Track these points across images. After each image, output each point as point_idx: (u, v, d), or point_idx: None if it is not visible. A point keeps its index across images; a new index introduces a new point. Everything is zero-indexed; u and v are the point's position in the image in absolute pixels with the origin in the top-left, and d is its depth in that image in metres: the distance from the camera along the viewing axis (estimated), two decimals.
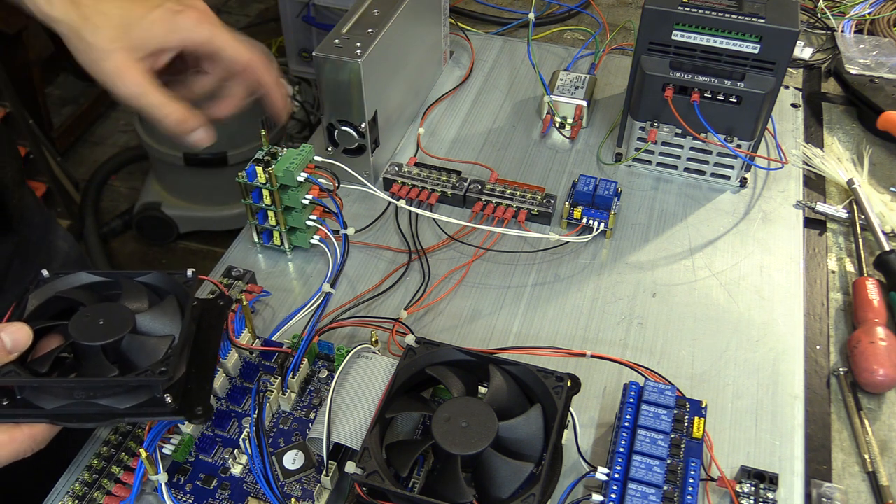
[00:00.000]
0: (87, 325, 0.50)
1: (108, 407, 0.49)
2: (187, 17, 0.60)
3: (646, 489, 0.51)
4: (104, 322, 0.51)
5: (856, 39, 1.01)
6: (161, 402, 0.49)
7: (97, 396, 0.49)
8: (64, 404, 0.49)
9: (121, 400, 0.49)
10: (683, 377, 0.64)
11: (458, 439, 0.50)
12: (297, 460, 0.55)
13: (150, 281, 0.55)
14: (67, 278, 0.55)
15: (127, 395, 0.50)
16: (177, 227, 1.95)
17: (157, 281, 0.55)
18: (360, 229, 0.76)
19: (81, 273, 0.55)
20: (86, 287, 0.55)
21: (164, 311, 0.53)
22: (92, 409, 0.49)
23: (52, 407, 0.49)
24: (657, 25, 0.73)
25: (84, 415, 0.49)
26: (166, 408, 0.49)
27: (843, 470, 0.60)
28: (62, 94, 2.42)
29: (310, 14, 1.84)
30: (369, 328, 0.65)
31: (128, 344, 0.50)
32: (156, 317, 0.53)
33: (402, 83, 0.83)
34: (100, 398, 0.49)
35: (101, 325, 0.50)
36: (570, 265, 0.73)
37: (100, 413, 0.49)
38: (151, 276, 0.55)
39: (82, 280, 0.55)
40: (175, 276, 0.55)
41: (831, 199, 0.81)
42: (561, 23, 1.07)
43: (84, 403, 0.49)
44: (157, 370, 0.48)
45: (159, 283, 0.55)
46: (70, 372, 0.51)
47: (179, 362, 0.51)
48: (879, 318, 0.67)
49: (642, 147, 0.80)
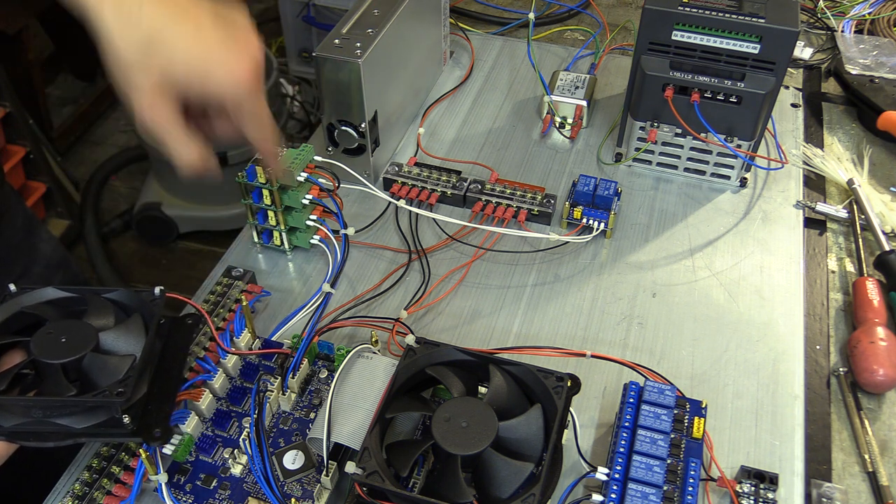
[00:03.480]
0: (50, 342, 0.50)
1: (66, 427, 0.49)
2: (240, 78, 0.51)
3: (646, 489, 0.51)
4: (66, 339, 0.50)
5: (856, 39, 1.01)
6: (119, 423, 0.49)
7: (55, 415, 0.49)
8: (21, 422, 0.48)
9: (79, 420, 0.49)
10: (683, 377, 0.64)
11: (458, 439, 0.50)
12: (297, 460, 0.55)
13: (116, 298, 0.55)
14: (34, 293, 0.54)
15: (85, 415, 0.49)
16: (177, 227, 1.95)
17: (123, 298, 0.55)
18: (360, 229, 0.76)
19: (48, 288, 0.55)
20: (52, 302, 0.54)
21: (129, 329, 0.52)
22: (49, 427, 0.49)
23: (10, 425, 0.48)
24: (657, 25, 0.73)
25: (41, 433, 0.49)
26: (124, 429, 0.49)
27: (843, 470, 0.60)
28: (62, 94, 2.42)
29: (310, 14, 1.84)
30: (369, 328, 0.65)
31: (89, 363, 0.50)
32: (119, 335, 0.52)
33: (402, 83, 0.83)
34: (57, 417, 0.49)
35: (64, 342, 0.50)
36: (570, 265, 0.73)
37: (57, 432, 0.49)
38: (118, 294, 0.55)
39: (49, 295, 0.54)
40: (142, 294, 0.55)
41: (831, 199, 0.81)
42: (561, 23, 1.07)
43: (41, 422, 0.49)
44: (115, 391, 0.48)
45: (126, 301, 0.55)
46: (31, 389, 0.51)
47: (140, 382, 0.50)
48: (879, 318, 0.67)
49: (642, 147, 0.80)
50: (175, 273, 1.97)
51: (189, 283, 0.60)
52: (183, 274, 1.95)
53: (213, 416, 0.59)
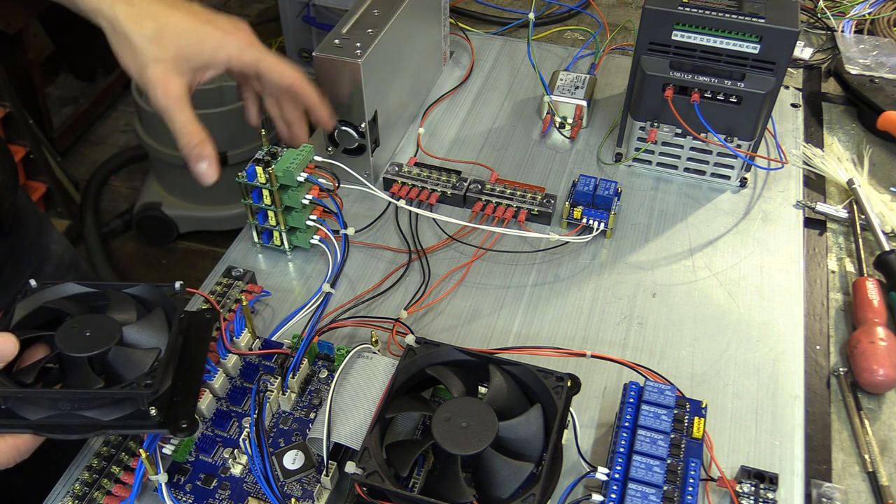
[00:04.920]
0: (74, 336, 0.50)
1: (93, 419, 0.49)
2: (236, 38, 0.63)
3: (646, 489, 0.51)
4: (91, 333, 0.50)
5: (856, 39, 1.01)
6: (146, 415, 0.49)
7: (82, 408, 0.49)
8: (48, 415, 0.49)
9: (106, 412, 0.49)
10: (683, 377, 0.64)
11: (458, 439, 0.50)
12: (297, 460, 0.55)
13: (137, 293, 0.55)
14: (55, 288, 0.54)
15: (112, 407, 0.49)
16: (177, 227, 1.95)
17: (144, 293, 0.55)
18: (360, 229, 0.76)
19: (69, 283, 0.55)
20: (73, 297, 0.55)
21: (151, 323, 0.53)
22: (76, 420, 0.49)
23: (37, 418, 0.49)
24: (657, 25, 0.73)
25: (68, 426, 0.49)
26: (151, 420, 0.49)
27: (843, 470, 0.60)
28: (62, 94, 2.42)
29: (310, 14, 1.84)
30: (369, 328, 0.65)
31: (114, 356, 0.50)
32: (142, 329, 0.52)
33: (402, 83, 0.83)
34: (84, 409, 0.49)
35: (88, 336, 0.50)
36: (570, 265, 0.73)
37: (84, 424, 0.49)
38: (139, 289, 0.55)
39: (70, 290, 0.55)
40: (163, 289, 0.55)
41: (831, 199, 0.81)
42: (561, 23, 1.07)
43: (68, 415, 0.49)
44: (143, 382, 0.48)
45: (147, 296, 0.55)
46: (55, 383, 0.51)
47: (165, 375, 0.50)
48: (879, 318, 0.67)
49: (642, 147, 0.80)
50: (175, 273, 1.97)
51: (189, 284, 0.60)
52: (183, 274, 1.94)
53: (213, 416, 0.59)
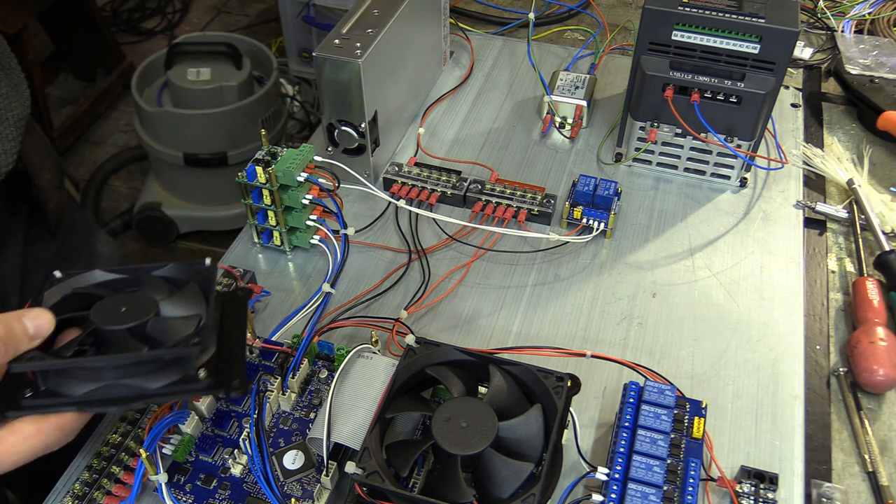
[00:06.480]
0: (110, 313, 0.47)
1: (139, 387, 0.46)
2: None
3: (646, 489, 0.51)
4: (127, 309, 0.48)
5: (856, 39, 1.01)
6: (194, 379, 0.46)
7: (127, 376, 0.46)
8: (92, 388, 0.46)
9: (151, 379, 0.46)
10: (683, 377, 0.64)
11: (458, 439, 0.50)
12: (297, 460, 0.55)
13: (167, 273, 0.52)
14: (81, 277, 0.52)
15: (158, 374, 0.47)
16: (177, 227, 1.95)
17: (175, 273, 0.52)
18: (360, 229, 0.76)
19: (96, 271, 0.52)
20: (103, 284, 0.52)
21: (187, 297, 0.50)
22: (122, 391, 0.46)
23: (80, 393, 0.46)
24: (657, 25, 0.73)
25: (114, 399, 0.46)
26: (200, 384, 0.47)
27: (843, 470, 0.60)
28: (62, 94, 2.42)
29: (310, 14, 1.84)
30: (369, 328, 0.65)
31: (153, 326, 0.47)
32: (179, 303, 0.50)
33: (402, 83, 0.83)
34: (130, 378, 0.46)
35: (124, 311, 0.47)
36: (570, 265, 0.73)
37: (130, 396, 0.46)
38: (169, 269, 0.52)
39: (97, 278, 0.52)
40: (193, 266, 0.52)
41: (831, 199, 0.81)
42: (561, 23, 1.07)
43: (113, 386, 0.46)
44: (191, 342, 0.45)
45: (178, 275, 0.52)
46: None
47: (210, 339, 0.48)
48: (879, 318, 0.67)
49: (642, 147, 0.80)
50: None
51: None
52: None
53: (213, 416, 0.59)
